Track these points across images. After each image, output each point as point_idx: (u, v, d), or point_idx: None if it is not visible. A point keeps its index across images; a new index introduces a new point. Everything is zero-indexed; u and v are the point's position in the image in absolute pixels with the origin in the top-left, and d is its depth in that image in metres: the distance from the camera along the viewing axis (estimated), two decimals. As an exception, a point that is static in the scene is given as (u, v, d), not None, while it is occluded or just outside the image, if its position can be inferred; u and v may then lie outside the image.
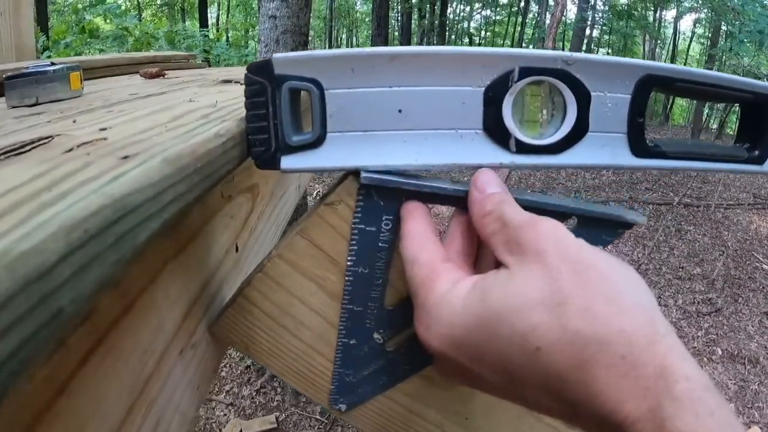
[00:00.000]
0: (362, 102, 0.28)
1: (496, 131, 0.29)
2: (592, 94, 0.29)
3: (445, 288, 0.26)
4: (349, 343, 0.35)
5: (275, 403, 2.77)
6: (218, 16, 13.36)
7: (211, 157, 0.22)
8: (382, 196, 0.30)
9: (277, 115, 0.28)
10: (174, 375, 0.30)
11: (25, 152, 0.22)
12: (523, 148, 0.30)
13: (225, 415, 2.67)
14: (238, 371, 2.98)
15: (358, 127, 0.29)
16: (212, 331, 0.36)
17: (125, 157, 0.18)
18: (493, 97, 0.29)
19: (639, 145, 0.31)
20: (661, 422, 0.20)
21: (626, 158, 0.31)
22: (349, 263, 0.32)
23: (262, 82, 0.28)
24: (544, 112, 0.30)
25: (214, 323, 0.36)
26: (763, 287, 3.75)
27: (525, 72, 0.28)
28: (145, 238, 0.15)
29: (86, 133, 0.26)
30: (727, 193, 5.79)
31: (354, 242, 0.32)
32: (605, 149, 0.30)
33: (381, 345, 0.34)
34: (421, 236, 0.29)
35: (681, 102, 12.98)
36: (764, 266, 3.97)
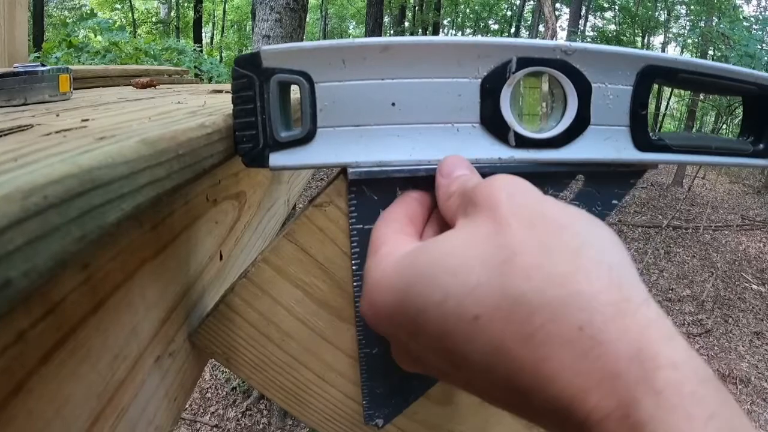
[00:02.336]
0: (354, 95, 0.27)
1: (494, 124, 0.28)
2: (593, 85, 0.28)
3: (385, 252, 0.23)
4: (372, 352, 0.33)
5: (261, 425, 2.70)
6: (212, 35, 13.51)
7: (193, 146, 0.21)
8: (375, 190, 0.29)
9: (266, 110, 0.27)
10: (149, 384, 0.28)
11: (2, 137, 0.21)
12: (522, 142, 0.29)
13: (208, 438, 2.59)
14: (224, 393, 2.91)
15: (350, 122, 0.28)
16: (192, 341, 0.35)
17: (101, 138, 0.17)
18: (491, 88, 0.28)
19: (642, 139, 0.29)
20: (635, 424, 0.14)
21: (630, 152, 0.30)
22: (354, 267, 0.31)
23: (249, 75, 0.27)
24: (544, 104, 0.29)
25: (195, 332, 0.34)
26: (752, 307, 3.78)
27: (523, 62, 0.27)
28: (114, 219, 0.14)
29: (67, 123, 0.25)
30: (715, 215, 5.88)
31: (355, 244, 0.30)
32: (608, 143, 0.29)
33: None
34: (388, 217, 0.27)
35: (670, 126, 13.30)
36: (753, 286, 4.01)
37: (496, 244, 0.19)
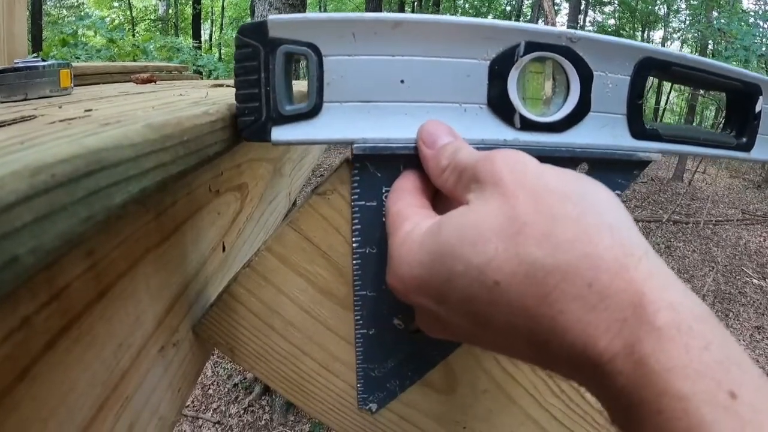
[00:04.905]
0: (362, 70, 0.27)
1: (500, 106, 0.28)
2: (594, 73, 0.29)
3: (408, 229, 0.24)
4: (369, 333, 0.33)
5: (263, 421, 2.71)
6: (211, 32, 13.49)
7: (198, 132, 0.21)
8: (378, 166, 0.29)
9: (270, 82, 0.26)
10: (153, 374, 0.28)
11: (6, 126, 0.21)
12: (527, 125, 0.29)
13: (211, 434, 2.60)
14: (226, 389, 2.92)
15: (357, 97, 0.28)
16: (196, 331, 0.35)
17: (106, 124, 0.17)
18: (499, 71, 0.28)
19: (637, 127, 0.30)
20: (640, 358, 0.17)
21: (626, 139, 0.30)
22: (354, 245, 0.31)
23: (255, 45, 0.26)
24: (547, 89, 0.30)
25: (198, 322, 0.34)
26: (753, 301, 3.78)
27: (530, 47, 0.27)
28: (120, 201, 0.14)
29: (71, 114, 0.25)
30: (715, 209, 5.88)
31: (356, 221, 0.30)
32: (605, 129, 0.30)
33: (403, 331, 0.32)
34: (401, 189, 0.27)
35: (670, 120, 13.24)
36: (754, 281, 4.01)
37: (507, 216, 0.20)
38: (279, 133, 0.28)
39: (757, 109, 0.32)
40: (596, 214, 0.20)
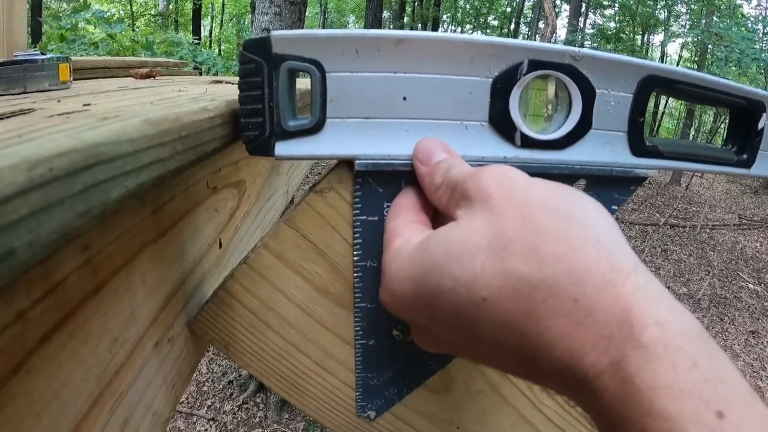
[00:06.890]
0: (365, 87, 0.27)
1: (501, 124, 0.29)
2: (597, 91, 0.29)
3: (399, 245, 0.25)
4: (368, 344, 0.33)
5: (257, 419, 2.71)
6: (211, 28, 13.46)
7: (196, 128, 0.21)
8: (380, 182, 0.29)
9: (274, 98, 0.26)
10: (147, 369, 0.28)
11: (4, 119, 0.21)
12: (527, 143, 0.29)
13: (206, 430, 2.60)
14: (221, 386, 2.92)
15: (360, 114, 0.28)
16: (191, 328, 0.35)
17: (105, 119, 0.17)
18: (501, 88, 0.28)
19: (638, 145, 0.30)
20: (626, 376, 0.17)
21: (626, 157, 0.31)
22: (355, 258, 0.31)
23: (258, 60, 0.26)
24: (549, 106, 0.30)
25: (194, 318, 0.34)
26: (748, 306, 3.80)
27: (534, 65, 0.27)
28: (117, 196, 0.14)
29: (69, 107, 0.25)
30: (712, 213, 5.90)
31: (358, 235, 0.30)
32: (606, 147, 0.30)
33: (401, 341, 0.33)
34: (399, 205, 0.28)
35: (668, 124, 13.31)
36: (750, 285, 4.03)
37: (494, 232, 0.20)
38: (282, 148, 0.28)
39: (760, 126, 0.32)
40: (583, 229, 0.20)
